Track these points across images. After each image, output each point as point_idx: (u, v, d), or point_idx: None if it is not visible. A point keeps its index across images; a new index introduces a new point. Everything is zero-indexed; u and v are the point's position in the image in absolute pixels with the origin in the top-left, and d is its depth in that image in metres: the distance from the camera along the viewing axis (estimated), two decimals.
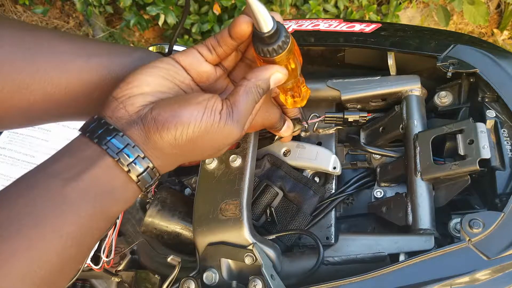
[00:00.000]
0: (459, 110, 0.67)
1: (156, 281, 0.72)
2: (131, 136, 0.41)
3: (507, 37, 2.22)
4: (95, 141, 0.40)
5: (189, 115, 0.41)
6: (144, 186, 0.43)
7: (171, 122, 0.40)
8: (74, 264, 0.40)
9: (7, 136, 0.90)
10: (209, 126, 0.42)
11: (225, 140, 0.44)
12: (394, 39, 0.70)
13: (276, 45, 0.43)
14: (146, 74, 0.44)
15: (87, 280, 0.94)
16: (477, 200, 0.61)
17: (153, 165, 0.42)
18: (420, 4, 2.17)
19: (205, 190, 0.62)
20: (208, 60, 0.48)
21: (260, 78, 0.45)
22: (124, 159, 0.40)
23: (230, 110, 0.43)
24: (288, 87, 0.54)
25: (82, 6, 1.94)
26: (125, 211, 0.77)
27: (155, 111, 0.41)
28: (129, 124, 0.41)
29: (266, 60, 0.46)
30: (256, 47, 0.45)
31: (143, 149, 0.41)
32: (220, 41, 0.47)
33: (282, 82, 0.47)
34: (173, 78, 0.46)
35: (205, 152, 0.46)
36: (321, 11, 1.94)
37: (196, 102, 0.42)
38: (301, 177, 0.69)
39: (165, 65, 0.46)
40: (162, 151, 0.42)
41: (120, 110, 0.42)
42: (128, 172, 0.41)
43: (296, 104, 0.58)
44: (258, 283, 0.53)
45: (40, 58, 0.45)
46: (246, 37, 0.46)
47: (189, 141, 0.42)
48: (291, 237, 0.66)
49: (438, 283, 0.50)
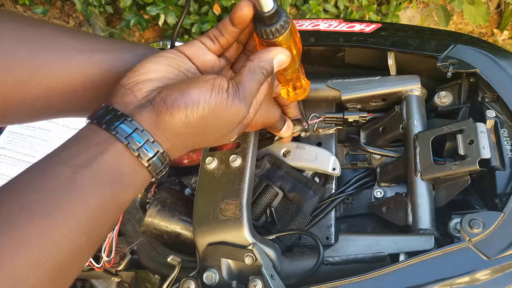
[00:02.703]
0: (459, 110, 0.67)
1: (156, 281, 0.71)
2: (140, 121, 0.41)
3: (507, 37, 2.22)
4: (104, 127, 0.40)
5: (198, 93, 0.41)
6: (154, 171, 0.42)
7: (181, 100, 0.41)
8: (86, 253, 0.39)
9: (7, 136, 0.90)
10: (218, 103, 0.42)
11: (233, 119, 0.45)
12: (394, 39, 0.70)
13: (278, 25, 0.44)
14: (152, 62, 0.45)
15: (87, 280, 0.94)
16: (477, 200, 0.61)
17: (163, 150, 0.42)
18: (420, 4, 2.17)
19: (205, 190, 0.62)
20: (211, 50, 0.49)
21: (263, 59, 0.46)
22: (134, 143, 0.40)
23: (236, 88, 0.44)
24: (289, 77, 0.54)
25: (82, 6, 1.94)
26: (125, 211, 0.76)
27: (164, 93, 0.42)
28: (137, 108, 0.41)
29: (268, 42, 0.46)
30: (258, 30, 0.45)
31: (153, 133, 0.41)
32: (222, 30, 0.48)
33: (285, 64, 0.48)
34: (178, 66, 0.46)
35: (215, 133, 0.46)
36: (321, 11, 1.94)
37: (204, 81, 0.43)
38: (301, 177, 0.69)
39: (170, 55, 0.46)
40: (173, 131, 0.42)
41: (129, 95, 0.42)
42: (138, 157, 0.40)
43: (298, 96, 0.58)
44: (258, 283, 0.53)
45: (43, 53, 0.45)
46: (248, 22, 0.46)
47: (200, 118, 0.42)
48: (291, 237, 0.66)
49: (438, 283, 0.50)
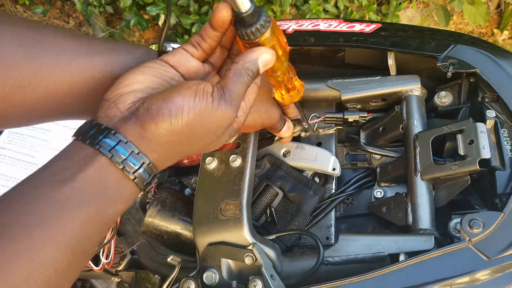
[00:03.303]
0: (459, 110, 0.67)
1: (156, 281, 0.71)
2: (125, 133, 0.40)
3: (507, 37, 2.22)
4: (88, 142, 0.40)
5: (181, 99, 0.41)
6: (142, 183, 0.42)
7: (165, 109, 0.40)
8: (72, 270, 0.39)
9: (7, 136, 0.90)
10: (203, 108, 0.42)
11: (220, 123, 0.44)
12: (394, 39, 0.70)
13: (258, 24, 0.44)
14: (135, 73, 0.44)
15: (87, 280, 0.94)
16: (477, 200, 0.61)
17: (149, 161, 0.41)
18: (420, 4, 2.17)
19: (205, 190, 0.62)
20: (195, 56, 0.49)
21: (247, 60, 0.46)
22: (118, 156, 0.39)
23: (221, 92, 0.43)
24: (280, 79, 0.53)
25: (82, 6, 1.94)
26: (125, 211, 0.76)
27: (147, 102, 0.41)
28: (121, 121, 0.41)
29: (251, 43, 0.46)
30: (239, 32, 0.45)
31: (138, 144, 0.41)
32: (203, 35, 0.48)
33: (270, 64, 0.47)
34: (162, 76, 0.46)
35: (202, 139, 0.45)
36: (321, 11, 1.93)
37: (187, 87, 0.42)
38: (301, 177, 0.69)
39: (153, 65, 0.46)
40: (158, 140, 0.41)
41: (112, 109, 0.42)
42: (123, 170, 0.40)
43: (292, 98, 0.58)
44: (258, 283, 0.53)
45: (42, 56, 0.45)
46: (227, 24, 0.46)
47: (185, 125, 0.41)
48: (291, 237, 0.66)
49: (438, 283, 0.50)
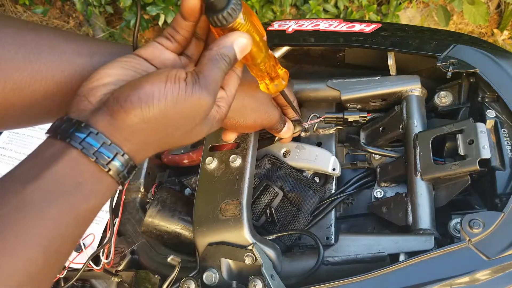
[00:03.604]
0: (459, 110, 0.67)
1: (156, 281, 0.71)
2: (95, 124, 0.39)
3: (507, 37, 2.22)
4: (58, 137, 0.39)
5: (150, 86, 0.40)
6: (117, 175, 0.40)
7: (134, 96, 0.39)
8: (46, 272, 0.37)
9: (7, 136, 0.90)
10: (176, 94, 0.40)
11: (197, 109, 0.43)
12: (394, 39, 0.70)
13: (229, 8, 0.43)
14: (107, 68, 0.43)
15: (87, 280, 0.94)
16: (477, 200, 0.61)
17: (123, 151, 0.40)
18: (420, 4, 2.17)
19: (205, 190, 0.62)
20: (169, 48, 0.48)
21: (222, 45, 0.44)
22: (89, 147, 0.38)
23: (196, 77, 0.42)
24: (261, 68, 0.52)
25: (82, 6, 1.94)
26: (125, 211, 0.77)
27: (116, 92, 0.40)
28: (92, 113, 0.40)
29: (224, 29, 0.45)
30: (211, 19, 0.44)
31: (109, 134, 0.39)
32: (175, 27, 0.47)
33: (248, 49, 0.46)
34: (135, 68, 0.45)
35: (180, 126, 0.43)
36: (321, 11, 1.93)
37: (157, 74, 0.41)
38: (301, 177, 0.69)
39: (126, 59, 0.45)
40: (131, 129, 0.40)
41: (83, 102, 0.41)
42: (96, 162, 0.39)
43: (278, 87, 0.56)
44: (258, 283, 0.53)
45: (42, 57, 0.45)
46: (197, 12, 0.45)
47: (159, 112, 0.40)
48: (291, 237, 0.66)
49: (438, 283, 0.50)
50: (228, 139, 0.62)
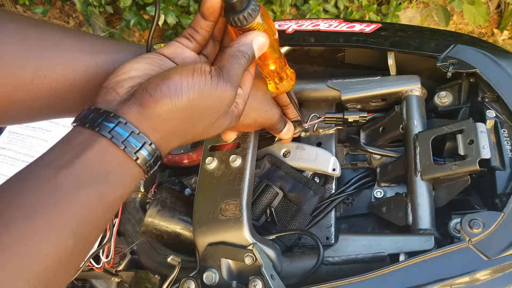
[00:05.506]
0: (459, 110, 0.67)
1: (156, 281, 0.72)
2: (124, 114, 0.40)
3: (507, 37, 2.22)
4: (87, 126, 0.39)
5: (179, 77, 0.41)
6: (144, 164, 0.41)
7: (164, 85, 0.41)
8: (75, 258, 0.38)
9: (7, 136, 0.90)
10: (203, 85, 0.42)
11: (221, 100, 0.44)
12: (394, 39, 0.70)
13: (249, 9, 0.45)
14: (133, 62, 0.45)
15: (87, 280, 0.94)
16: (477, 200, 0.61)
17: (150, 141, 0.41)
18: (420, 4, 2.17)
19: (205, 190, 0.62)
20: (189, 48, 0.49)
21: (242, 43, 0.47)
22: (118, 136, 0.39)
23: (219, 71, 0.44)
24: (272, 68, 0.54)
25: (82, 6, 1.94)
26: (125, 211, 0.77)
27: (145, 83, 0.42)
28: (120, 103, 0.41)
29: (243, 30, 0.47)
30: (231, 19, 0.46)
31: (138, 124, 0.40)
32: (195, 27, 0.49)
33: (265, 48, 0.48)
34: (159, 65, 0.46)
35: (205, 117, 0.45)
36: (321, 11, 1.93)
37: (184, 67, 0.43)
38: (301, 177, 0.69)
39: (151, 55, 0.47)
40: (159, 117, 0.41)
41: (111, 93, 0.42)
42: (124, 150, 0.39)
43: (286, 87, 0.58)
44: (258, 283, 0.53)
45: (45, 53, 0.45)
46: (217, 12, 0.47)
47: (187, 102, 0.41)
48: (291, 237, 0.66)
49: (438, 283, 0.50)
50: (228, 139, 0.62)
